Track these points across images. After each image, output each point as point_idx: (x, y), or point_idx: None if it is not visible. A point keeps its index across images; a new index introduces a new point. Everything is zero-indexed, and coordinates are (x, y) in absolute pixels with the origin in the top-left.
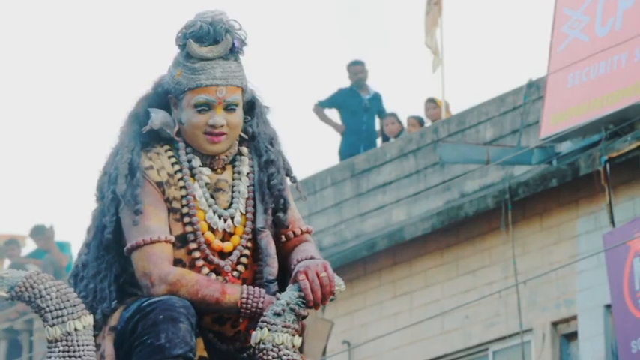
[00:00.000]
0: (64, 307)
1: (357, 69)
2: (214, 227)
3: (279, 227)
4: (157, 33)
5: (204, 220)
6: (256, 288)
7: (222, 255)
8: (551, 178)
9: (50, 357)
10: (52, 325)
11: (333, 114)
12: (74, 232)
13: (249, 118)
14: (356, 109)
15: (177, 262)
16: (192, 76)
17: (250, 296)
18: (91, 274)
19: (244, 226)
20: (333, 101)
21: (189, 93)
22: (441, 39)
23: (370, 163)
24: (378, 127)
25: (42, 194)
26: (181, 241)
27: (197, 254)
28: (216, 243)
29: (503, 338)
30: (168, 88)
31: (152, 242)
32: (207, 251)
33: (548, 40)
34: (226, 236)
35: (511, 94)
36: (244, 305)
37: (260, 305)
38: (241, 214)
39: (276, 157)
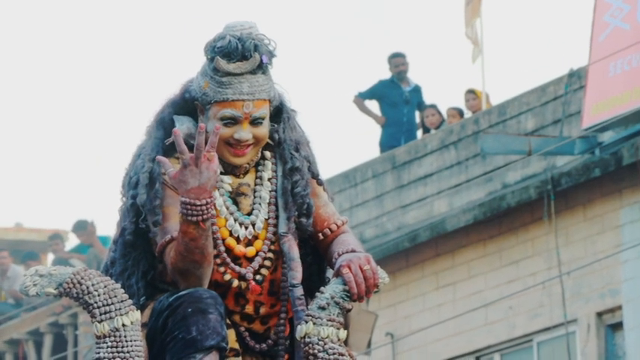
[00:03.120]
0: (112, 304)
1: (397, 61)
2: (235, 234)
3: (303, 232)
4: (175, 33)
5: (225, 227)
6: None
7: (248, 259)
8: (593, 167)
9: (98, 353)
10: (100, 322)
11: (373, 106)
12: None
13: (276, 124)
14: (396, 101)
15: None
16: (219, 90)
17: (190, 210)
18: (118, 272)
19: (267, 231)
20: (373, 93)
21: (216, 105)
22: (481, 29)
23: (411, 155)
24: (418, 119)
25: (83, 189)
26: None
27: (219, 260)
28: (239, 249)
29: (547, 329)
30: (195, 95)
31: (171, 241)
32: (228, 259)
33: (589, 30)
34: (251, 241)
35: (552, 84)
36: (191, 219)
37: (198, 204)
38: (263, 219)
39: (301, 164)
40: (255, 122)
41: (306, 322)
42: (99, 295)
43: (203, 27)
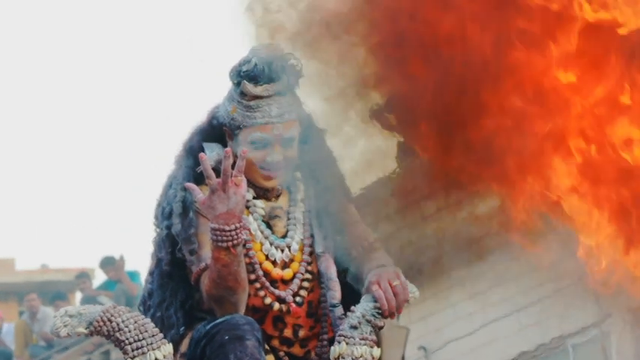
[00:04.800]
0: (143, 339)
1: None
2: (272, 258)
3: (338, 250)
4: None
5: (261, 251)
6: (221, 225)
7: (285, 282)
8: None
9: None
10: (133, 357)
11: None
12: (141, 261)
13: (305, 145)
14: None
15: None
16: (248, 114)
17: (220, 236)
18: (156, 303)
19: (303, 252)
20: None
21: (245, 130)
22: None
23: None
24: None
25: (105, 227)
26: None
27: (258, 285)
28: (276, 272)
29: (581, 331)
30: (223, 121)
31: (205, 268)
32: (267, 283)
33: None
34: (287, 263)
35: None
36: (222, 245)
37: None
38: (298, 241)
39: (332, 182)
40: (285, 144)
41: (339, 342)
42: (130, 332)
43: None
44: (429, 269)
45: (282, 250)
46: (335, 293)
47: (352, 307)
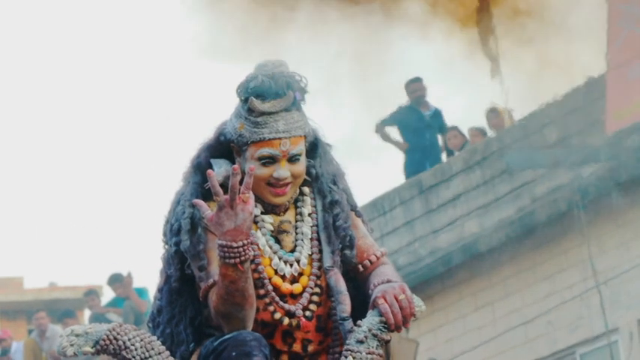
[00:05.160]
0: (150, 357)
1: (415, 87)
2: (281, 273)
3: (348, 264)
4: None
5: (270, 265)
6: (229, 243)
7: (294, 296)
8: (620, 173)
9: None
10: None
11: (394, 132)
12: (149, 277)
13: (312, 160)
14: (417, 127)
15: None
16: (255, 130)
17: (227, 252)
18: (166, 320)
19: (312, 267)
20: (394, 119)
21: (253, 146)
22: (496, 45)
23: (437, 178)
24: (440, 142)
25: (112, 244)
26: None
27: (267, 300)
28: (285, 286)
29: (589, 341)
30: (230, 138)
31: (213, 284)
32: (277, 298)
33: (604, 37)
34: (296, 278)
35: (572, 95)
36: (229, 261)
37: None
38: (307, 255)
39: (340, 197)
40: (292, 159)
41: (346, 356)
42: (136, 350)
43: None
44: (437, 282)
45: (291, 265)
46: (345, 307)
47: (358, 322)
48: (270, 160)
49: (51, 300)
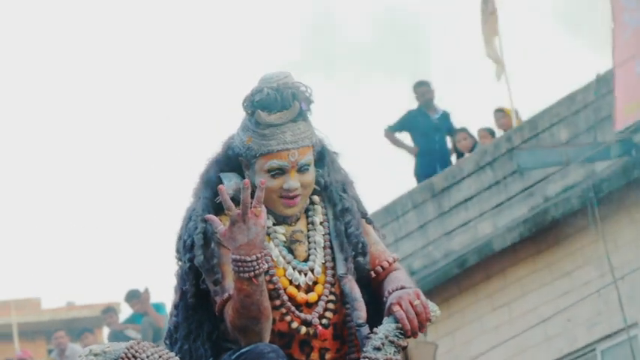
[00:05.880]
0: None
1: (423, 90)
2: (296, 283)
3: (361, 271)
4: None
5: (285, 276)
6: (244, 257)
7: (310, 305)
8: (632, 169)
9: None
10: None
11: (404, 137)
12: (166, 292)
13: (320, 170)
14: (427, 130)
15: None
16: (263, 142)
17: (241, 267)
18: (183, 336)
19: (326, 275)
20: (402, 124)
21: (261, 158)
22: (500, 47)
23: (448, 181)
24: (450, 144)
25: (129, 259)
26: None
27: (283, 310)
28: (301, 296)
29: (609, 336)
30: (238, 152)
31: (229, 299)
32: (293, 308)
33: (610, 32)
34: (311, 287)
35: (580, 92)
36: (243, 275)
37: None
38: (320, 264)
39: (350, 204)
40: (301, 170)
41: None
42: None
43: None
44: (453, 284)
45: (306, 274)
46: (360, 313)
47: (375, 329)
48: (279, 172)
49: (69, 319)
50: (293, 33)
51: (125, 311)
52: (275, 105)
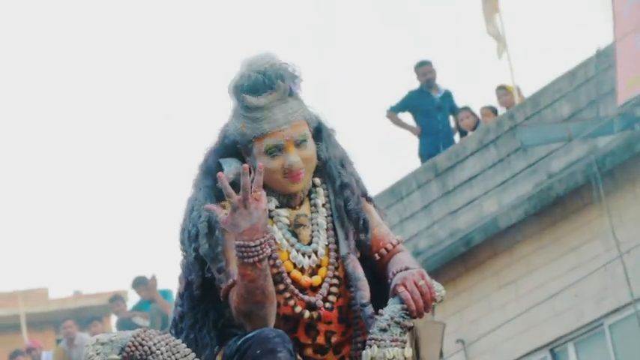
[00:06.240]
0: None
1: (424, 69)
2: (300, 266)
3: (363, 248)
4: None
5: (289, 259)
6: (246, 243)
7: (314, 288)
8: (635, 142)
9: None
10: None
11: (407, 117)
12: (172, 279)
13: (318, 144)
14: (429, 110)
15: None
16: (256, 125)
17: (245, 252)
18: (189, 325)
19: (329, 257)
20: (404, 105)
21: (257, 142)
22: (501, 24)
23: (452, 160)
24: (453, 123)
25: (135, 246)
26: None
27: (287, 294)
28: (305, 279)
29: (616, 311)
30: (234, 139)
31: (233, 284)
32: (296, 290)
33: (610, 7)
34: (315, 270)
35: (581, 67)
36: (247, 261)
37: (258, 250)
38: (324, 245)
39: (349, 179)
40: (299, 145)
41: (370, 346)
42: (162, 354)
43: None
44: (459, 263)
45: (309, 257)
46: (364, 293)
47: (380, 311)
48: (277, 151)
49: (77, 308)
50: (294, 27)
51: (133, 299)
52: (262, 87)
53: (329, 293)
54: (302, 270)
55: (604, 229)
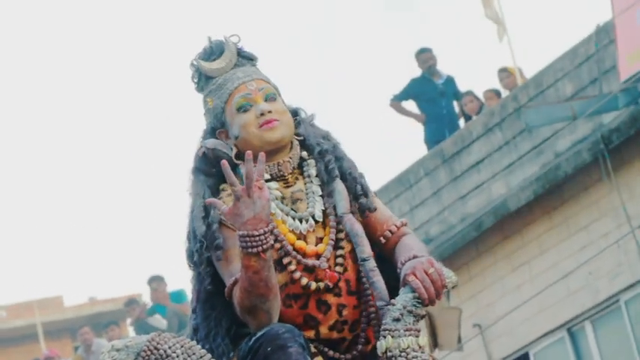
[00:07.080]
0: None
1: (425, 57)
2: (298, 232)
3: (365, 211)
4: None
5: (289, 232)
6: (251, 232)
7: (320, 257)
8: None
9: None
10: None
11: (410, 105)
12: (185, 278)
13: (297, 119)
14: (432, 96)
15: (281, 287)
16: (222, 91)
17: (249, 242)
18: (203, 336)
19: (329, 220)
20: (407, 93)
21: (227, 106)
22: (500, 7)
23: (458, 146)
24: (457, 108)
25: (148, 248)
26: (278, 264)
27: (293, 267)
28: (310, 248)
29: (631, 286)
30: (214, 126)
31: (236, 282)
32: (299, 257)
33: None
34: (320, 240)
35: (582, 45)
36: (251, 251)
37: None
38: (320, 210)
39: (328, 146)
40: (268, 98)
41: (384, 336)
42: (177, 357)
43: None
44: (472, 248)
45: (307, 221)
46: (364, 248)
47: (392, 300)
48: (247, 105)
49: (93, 314)
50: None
51: (148, 299)
52: (213, 53)
53: (336, 256)
54: (305, 239)
55: (614, 205)
